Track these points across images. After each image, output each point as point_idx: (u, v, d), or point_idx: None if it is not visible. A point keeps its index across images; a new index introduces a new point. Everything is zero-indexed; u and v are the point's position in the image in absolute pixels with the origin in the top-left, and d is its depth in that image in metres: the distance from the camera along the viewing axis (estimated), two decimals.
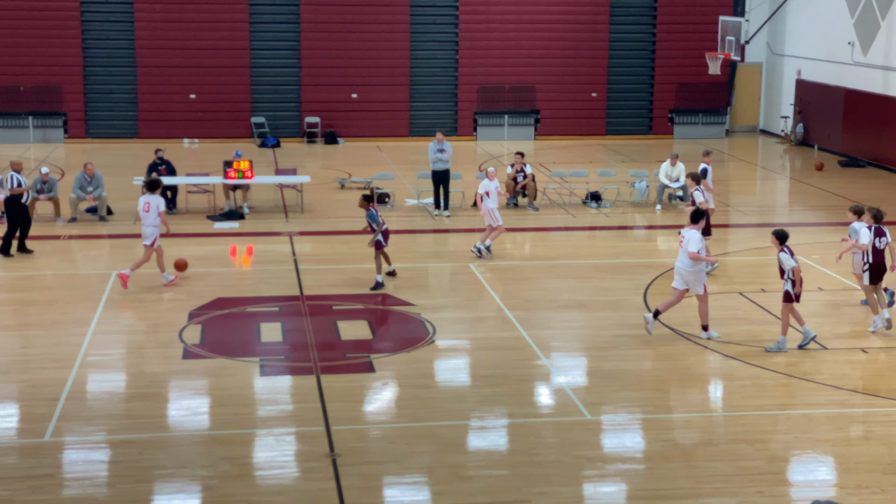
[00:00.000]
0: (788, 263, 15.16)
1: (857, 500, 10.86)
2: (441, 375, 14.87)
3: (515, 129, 37.02)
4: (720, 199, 26.75)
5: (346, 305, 17.76)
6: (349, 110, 36.48)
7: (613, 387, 14.09)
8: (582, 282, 19.21)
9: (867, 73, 32.18)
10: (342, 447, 12.14)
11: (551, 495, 11.04)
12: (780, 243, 15.33)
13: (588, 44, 36.90)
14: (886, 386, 14.13)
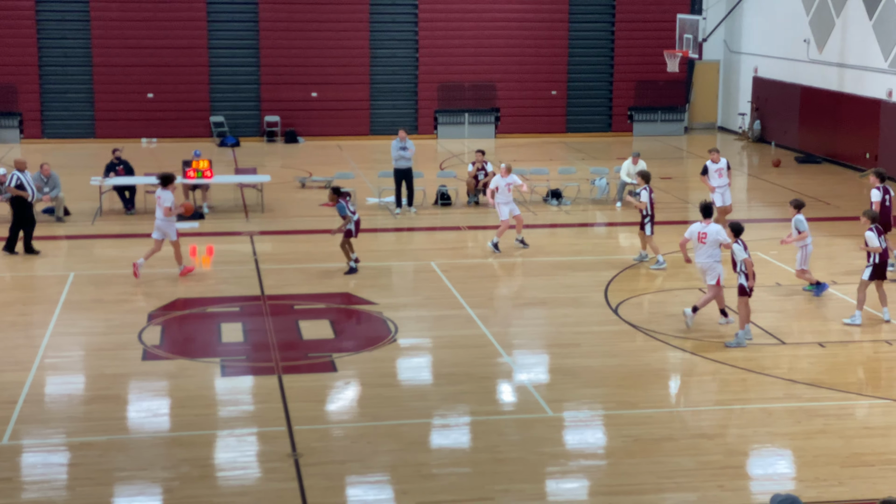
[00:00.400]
0: (740, 256, 15.30)
1: (815, 493, 10.97)
2: (403, 374, 14.86)
3: (476, 127, 37.07)
4: (680, 195, 26.92)
5: (308, 305, 17.71)
6: (309, 109, 36.37)
7: (575, 383, 14.15)
8: (543, 279, 19.27)
9: (822, 70, 32.51)
10: (304, 447, 12.10)
11: (514, 492, 11.07)
12: (735, 237, 15.46)
13: (547, 42, 37.02)
14: (844, 380, 14.28)
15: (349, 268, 19.31)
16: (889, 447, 12.19)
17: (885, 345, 15.72)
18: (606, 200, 26.04)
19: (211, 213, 24.51)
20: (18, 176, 20.84)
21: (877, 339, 16.00)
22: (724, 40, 38.56)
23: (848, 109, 31.10)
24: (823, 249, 21.42)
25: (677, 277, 19.34)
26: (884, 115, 29.30)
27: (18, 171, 20.95)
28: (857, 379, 14.39)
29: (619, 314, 17.07)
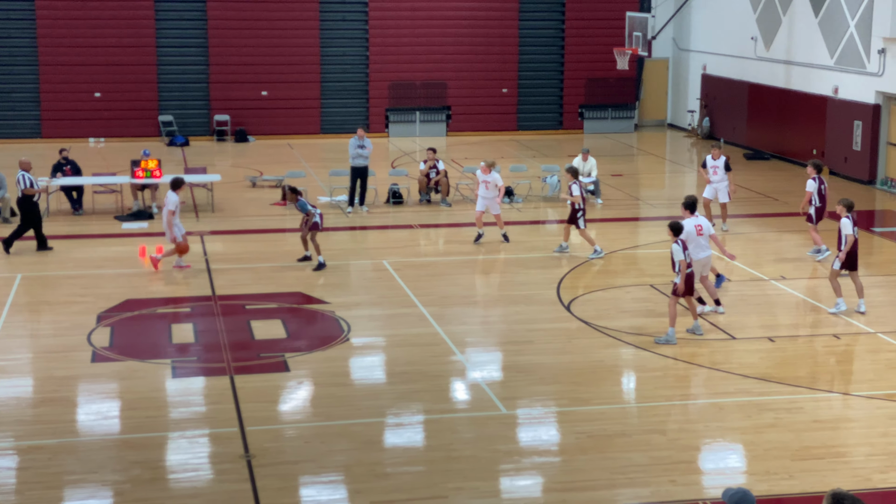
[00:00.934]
0: (678, 256, 15.42)
1: (766, 487, 11.08)
2: (356, 373, 14.82)
3: (427, 125, 37.04)
4: (631, 192, 27.07)
5: (260, 305, 17.61)
6: (259, 108, 36.15)
7: (528, 381, 14.18)
8: (495, 276, 19.30)
9: (770, 67, 32.84)
10: (257, 448, 12.03)
11: (468, 490, 11.07)
12: (675, 235, 15.57)
13: (498, 40, 37.08)
14: (793, 374, 14.43)
15: (318, 263, 19.33)
16: (838, 440, 12.33)
17: (833, 339, 15.90)
18: (558, 198, 26.13)
19: (160, 212, 24.27)
20: (28, 177, 20.95)
21: (825, 333, 16.18)
22: (672, 38, 38.84)
23: (795, 106, 31.45)
24: (772, 245, 21.65)
25: (629, 274, 19.45)
26: (830, 112, 29.66)
27: (24, 171, 21.08)
28: (806, 373, 14.54)
29: (571, 311, 17.13)
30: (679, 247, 15.42)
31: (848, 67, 28.87)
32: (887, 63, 27.15)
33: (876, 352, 15.39)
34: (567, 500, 10.87)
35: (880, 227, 23.72)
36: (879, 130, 27.83)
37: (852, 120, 28.58)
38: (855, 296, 17.10)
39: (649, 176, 30.64)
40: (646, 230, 23.43)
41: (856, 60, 28.51)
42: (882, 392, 13.72)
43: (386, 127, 36.93)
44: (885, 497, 10.89)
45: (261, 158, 32.03)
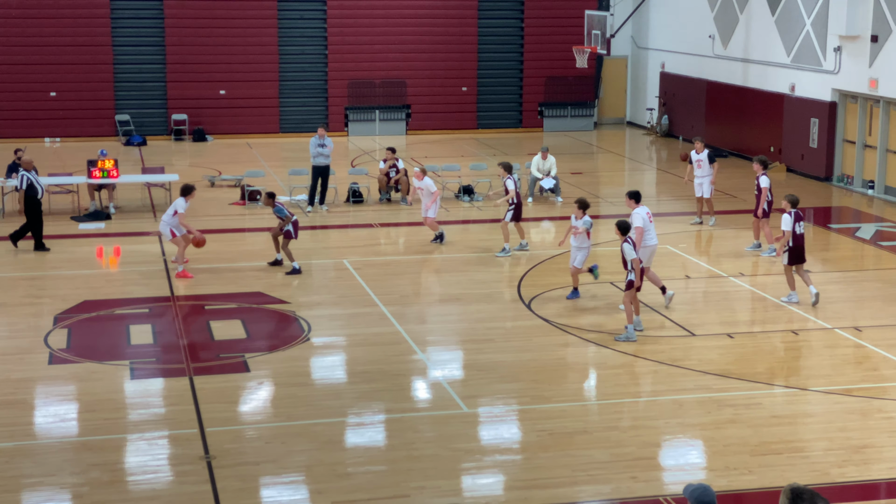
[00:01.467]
0: (630, 255, 15.53)
1: (726, 482, 11.14)
2: (317, 373, 14.76)
3: (387, 124, 36.98)
4: (591, 190, 27.15)
5: (219, 305, 17.49)
6: (217, 107, 35.94)
7: (489, 379, 14.19)
8: (456, 275, 19.29)
9: (728, 65, 33.08)
10: (217, 449, 11.95)
11: (430, 489, 11.05)
12: (623, 234, 15.68)
13: (457, 38, 37.08)
14: (752, 370, 14.54)
15: (292, 268, 19.11)
16: (796, 435, 12.43)
17: (791, 335, 16.03)
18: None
19: (117, 213, 24.08)
20: (29, 176, 20.88)
21: (784, 329, 16.31)
22: (631, 36, 39.02)
23: (752, 104, 31.69)
24: (730, 242, 21.79)
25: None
26: (787, 109, 29.91)
27: (26, 171, 21.01)
28: (765, 369, 14.65)
29: (532, 309, 17.16)
30: (630, 245, 15.53)
31: (804, 65, 29.13)
32: (843, 61, 27.42)
33: (833, 347, 15.54)
34: (529, 498, 10.88)
35: (837, 223, 23.95)
36: (836, 128, 28.10)
37: (809, 117, 28.84)
38: (807, 291, 17.34)
39: (609, 174, 30.76)
40: (605, 228, 23.49)
41: (812, 58, 28.77)
42: (839, 387, 13.85)
43: (345, 126, 36.83)
44: (842, 491, 10.99)
45: (219, 158, 31.84)
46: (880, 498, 11.06)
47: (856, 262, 20.53)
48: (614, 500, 10.89)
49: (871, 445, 12.10)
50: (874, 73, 26.18)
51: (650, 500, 10.87)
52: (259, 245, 21.72)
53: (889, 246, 21.64)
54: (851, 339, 15.77)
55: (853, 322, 16.51)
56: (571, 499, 10.90)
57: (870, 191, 26.74)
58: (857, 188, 27.23)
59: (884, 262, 20.52)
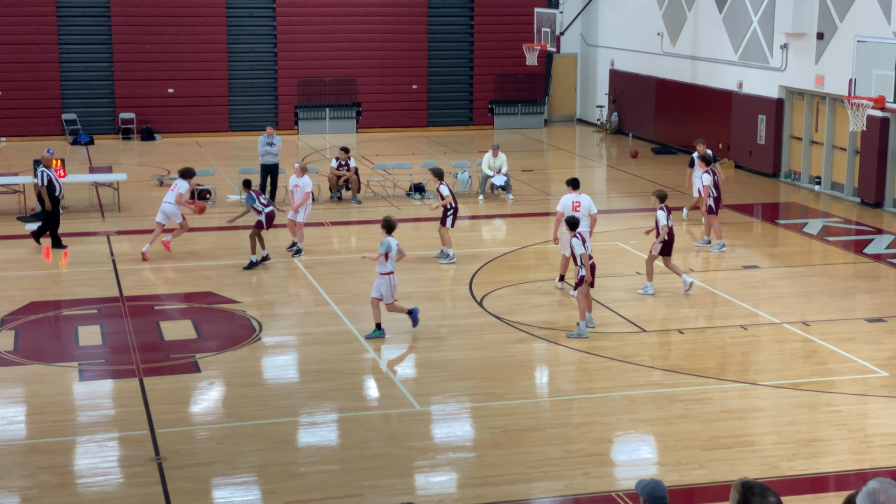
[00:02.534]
0: (578, 250, 15.61)
1: (677, 477, 11.22)
2: (269, 373, 14.68)
3: (337, 122, 36.86)
4: (541, 188, 27.25)
5: (169, 305, 17.34)
6: (166, 105, 35.62)
7: (442, 377, 14.19)
8: (408, 273, 19.25)
9: (676, 62, 33.32)
10: (168, 450, 11.84)
11: (383, 488, 11.03)
12: (572, 230, 15.78)
13: (407, 36, 37.03)
14: (702, 365, 14.65)
15: (249, 262, 19.17)
16: (746, 429, 12.55)
17: (741, 330, 16.18)
18: (469, 194, 26.20)
19: (64, 213, 23.78)
20: (48, 173, 20.87)
21: (733, 324, 16.46)
22: (580, 34, 39.19)
23: (701, 101, 31.95)
24: (680, 238, 21.93)
25: (540, 269, 19.57)
26: (735, 106, 30.19)
27: (45, 168, 20.97)
28: (715, 364, 14.77)
29: (483, 306, 17.18)
30: (579, 241, 15.61)
31: (751, 62, 29.41)
32: (789, 58, 27.72)
33: (782, 342, 15.70)
34: (482, 496, 10.89)
35: (784, 219, 24.21)
36: (783, 124, 28.40)
37: (756, 114, 29.13)
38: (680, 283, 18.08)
39: (559, 171, 30.84)
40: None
41: (759, 56, 29.05)
42: (788, 381, 14.00)
43: (295, 124, 36.66)
44: (792, 484, 11.10)
45: (168, 157, 31.56)
46: (829, 491, 11.19)
47: (803, 258, 20.76)
48: (567, 496, 10.94)
49: (819, 439, 12.25)
50: (820, 69, 26.49)
51: (603, 495, 10.92)
52: (209, 244, 21.57)
53: (836, 241, 21.92)
54: (800, 333, 15.95)
55: (801, 317, 16.69)
56: (524, 496, 10.92)
57: (817, 187, 27.06)
58: (805, 184, 27.54)
59: (831, 258, 20.77)
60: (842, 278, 19.09)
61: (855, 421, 12.79)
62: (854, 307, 17.30)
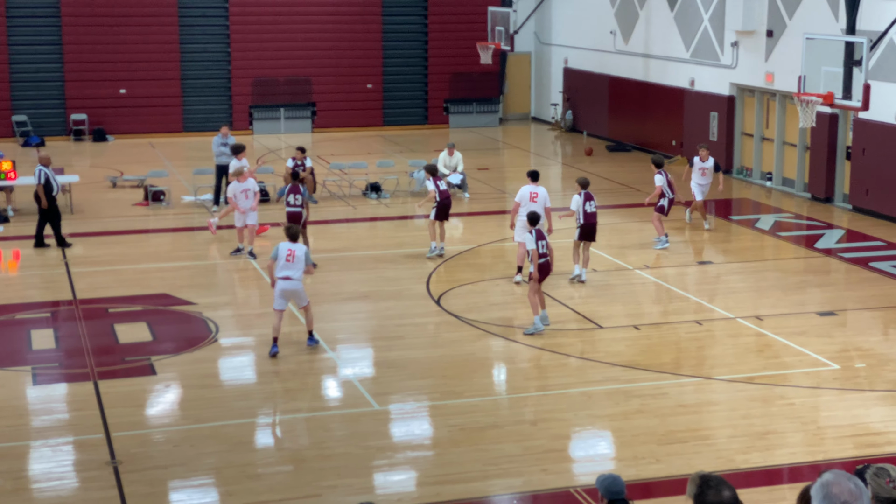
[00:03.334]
0: (530, 246, 15.71)
1: (634, 472, 11.30)
2: (226, 374, 14.61)
3: (292, 122, 36.73)
4: (497, 186, 27.31)
5: (124, 308, 17.21)
6: (118, 106, 35.30)
7: (400, 376, 14.19)
8: (365, 273, 19.24)
9: (629, 60, 33.52)
10: (124, 454, 11.76)
11: (342, 487, 11.02)
12: (532, 225, 15.86)
13: (361, 35, 36.97)
14: (658, 360, 14.77)
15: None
16: (701, 423, 12.67)
17: (695, 325, 16.32)
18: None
19: (16, 215, 23.52)
20: (46, 172, 20.81)
21: (688, 319, 16.60)
22: (534, 32, 39.32)
23: (654, 98, 32.17)
24: (635, 235, 22.10)
25: (496, 267, 19.62)
26: (687, 104, 30.43)
27: (43, 167, 20.86)
28: (670, 359, 14.89)
29: (441, 305, 17.21)
30: (532, 237, 15.69)
31: (703, 60, 29.66)
32: (740, 56, 27.98)
33: (736, 336, 15.86)
34: (441, 493, 10.91)
35: (737, 215, 24.43)
36: (734, 121, 28.67)
37: (708, 111, 29.38)
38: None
39: (515, 169, 30.92)
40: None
41: (710, 53, 29.31)
42: (742, 375, 14.14)
43: (250, 124, 36.49)
44: (747, 477, 11.22)
45: (121, 158, 31.29)
46: (783, 483, 11.33)
47: (756, 253, 20.98)
48: (526, 492, 10.98)
49: (773, 432, 12.39)
50: (770, 67, 26.77)
51: (561, 491, 10.98)
52: (164, 246, 21.43)
53: (787, 236, 22.16)
54: (753, 328, 16.11)
55: (754, 311, 16.87)
56: (483, 493, 10.96)
57: (768, 182, 27.34)
58: (756, 180, 27.81)
59: (783, 252, 21.01)
60: (793, 273, 19.31)
61: (808, 413, 12.95)
62: (806, 301, 17.51)
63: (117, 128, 35.26)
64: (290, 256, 14.69)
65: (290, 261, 14.71)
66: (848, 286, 18.40)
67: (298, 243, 15.00)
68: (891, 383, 13.83)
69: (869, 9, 22.78)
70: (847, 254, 20.54)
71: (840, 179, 24.86)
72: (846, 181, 24.56)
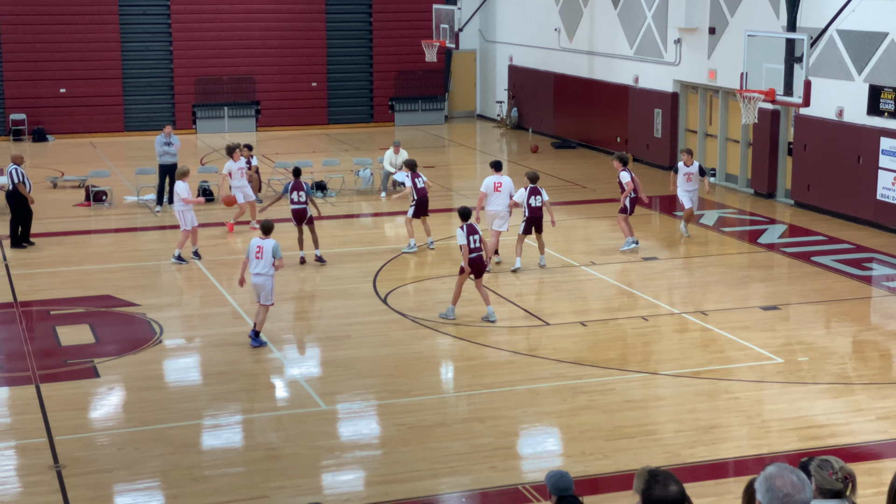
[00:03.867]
0: (461, 241, 15.83)
1: (582, 468, 11.34)
2: (171, 375, 14.46)
3: (236, 120, 36.46)
4: (443, 184, 27.29)
5: (66, 310, 16.97)
6: (58, 106, 34.83)
7: (347, 375, 14.13)
8: (311, 272, 19.14)
9: (574, 58, 33.67)
10: (67, 457, 11.59)
11: (290, 488, 10.95)
12: (462, 220, 15.95)
13: (305, 34, 36.79)
14: (604, 356, 14.84)
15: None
16: (648, 419, 12.74)
17: (641, 321, 16.42)
18: (371, 191, 26.15)
19: None
20: (19, 170, 20.70)
21: (634, 315, 16.69)
22: (479, 30, 39.35)
23: (599, 95, 32.34)
24: (581, 231, 22.20)
25: (443, 265, 19.61)
26: (632, 101, 30.62)
27: (16, 165, 20.74)
28: (617, 355, 14.97)
29: (388, 303, 17.16)
30: (463, 232, 15.78)
31: (647, 57, 29.86)
32: (683, 53, 28.20)
33: (681, 332, 15.98)
34: (389, 493, 10.87)
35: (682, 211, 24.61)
36: (678, 117, 28.89)
37: (653, 108, 29.59)
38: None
39: (460, 167, 30.97)
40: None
41: (654, 51, 29.51)
42: (688, 370, 14.25)
43: (193, 123, 36.17)
44: (693, 471, 11.30)
45: (61, 158, 30.87)
46: (729, 476, 11.42)
47: (700, 248, 21.14)
48: (474, 490, 10.98)
49: (718, 426, 12.49)
50: (713, 64, 27.01)
51: (509, 488, 10.99)
52: (107, 247, 21.17)
53: (731, 231, 22.38)
54: (698, 323, 16.24)
55: (699, 306, 17.01)
56: (432, 491, 10.94)
57: (712, 178, 27.58)
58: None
59: (727, 248, 21.20)
60: (737, 268, 19.50)
61: (752, 407, 13.07)
62: (749, 296, 17.68)
63: (57, 128, 34.80)
64: (259, 252, 14.98)
65: (259, 257, 14.97)
66: (791, 281, 18.61)
67: (268, 239, 15.14)
68: (833, 376, 14.01)
69: (809, 6, 23.07)
70: (789, 248, 20.78)
71: (782, 175, 25.15)
72: (788, 177, 24.85)
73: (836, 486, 5.87)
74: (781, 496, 4.72)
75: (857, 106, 22.42)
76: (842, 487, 5.87)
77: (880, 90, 21.81)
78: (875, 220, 22.13)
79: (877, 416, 12.77)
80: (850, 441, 12.07)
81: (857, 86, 22.40)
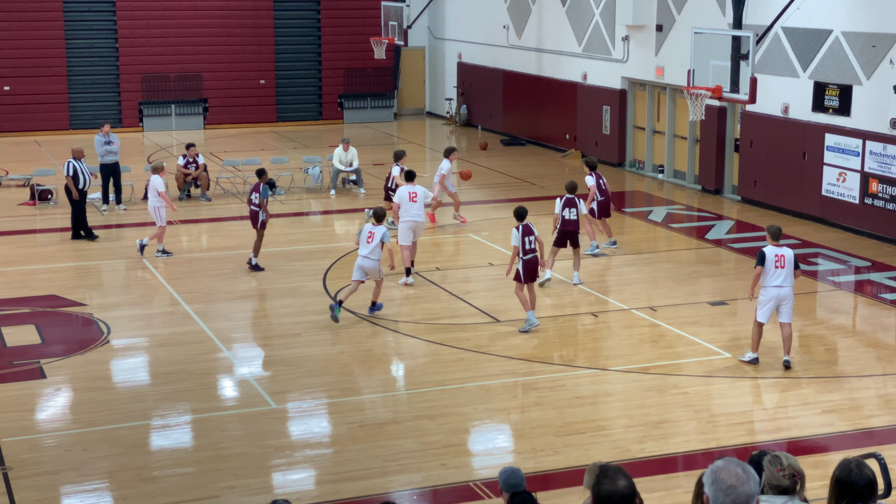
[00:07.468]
0: (514, 242, 15.81)
1: (533, 464, 11.38)
2: (119, 376, 14.32)
3: (183, 118, 36.16)
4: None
5: (10, 310, 16.74)
6: (2, 104, 34.33)
7: (297, 374, 14.08)
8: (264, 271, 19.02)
9: (522, 55, 33.76)
10: (13, 459, 11.44)
11: (240, 488, 10.88)
12: (519, 220, 15.79)
13: (253, 31, 36.58)
14: (554, 353, 14.90)
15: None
16: (598, 414, 12.81)
17: (591, 317, 16.51)
18: (320, 189, 26.06)
19: None
20: (76, 164, 20.78)
21: (584, 312, 16.78)
22: (428, 27, 39.34)
23: (547, 92, 32.46)
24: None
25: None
26: (580, 98, 30.76)
27: (75, 160, 20.82)
28: (567, 351, 15.04)
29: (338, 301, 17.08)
30: (518, 233, 15.78)
31: (595, 54, 30.01)
32: (631, 50, 28.38)
33: (630, 327, 16.08)
34: (340, 491, 10.85)
35: (630, 207, 24.79)
36: (626, 114, 29.08)
37: (601, 105, 29.74)
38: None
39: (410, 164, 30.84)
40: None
41: (602, 48, 29.67)
42: (637, 366, 14.34)
43: (140, 121, 35.82)
44: (643, 466, 11.38)
45: (5, 156, 30.44)
46: (678, 471, 11.51)
47: (649, 244, 21.30)
48: (425, 487, 10.98)
49: (668, 420, 12.59)
50: (660, 61, 27.21)
51: (460, 485, 11.00)
52: (52, 246, 20.91)
53: (679, 228, 22.56)
54: (647, 318, 16.35)
55: (648, 302, 17.13)
56: (383, 489, 10.92)
57: (660, 175, 27.80)
58: (648, 173, 28.26)
59: (675, 244, 21.38)
60: (686, 264, 19.66)
61: (701, 402, 13.19)
62: (698, 291, 17.83)
63: (1, 125, 34.31)
64: (371, 238, 15.95)
65: (370, 241, 15.95)
66: (738, 276, 18.79)
67: (380, 226, 15.94)
68: (780, 371, 14.17)
69: (755, 4, 23.30)
70: (737, 244, 20.99)
71: (729, 171, 25.39)
72: (735, 173, 25.10)
73: (782, 482, 5.93)
74: (725, 488, 4.78)
75: (802, 103, 22.70)
76: (789, 484, 5.93)
77: (825, 87, 22.10)
78: (821, 215, 22.42)
79: (823, 409, 12.94)
80: (797, 434, 12.22)
81: (802, 82, 22.67)
